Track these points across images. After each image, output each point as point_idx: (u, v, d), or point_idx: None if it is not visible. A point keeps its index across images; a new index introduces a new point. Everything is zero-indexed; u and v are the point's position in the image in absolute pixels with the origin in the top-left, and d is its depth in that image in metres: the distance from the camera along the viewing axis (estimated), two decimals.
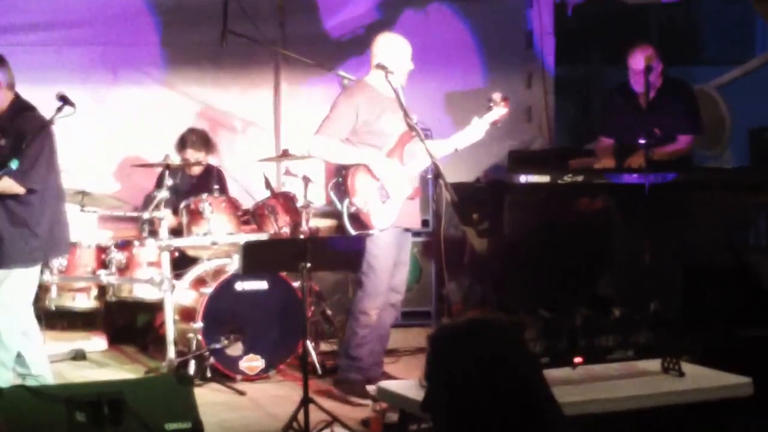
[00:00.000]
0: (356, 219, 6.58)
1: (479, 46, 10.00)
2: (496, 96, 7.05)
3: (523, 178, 7.79)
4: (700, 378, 5.41)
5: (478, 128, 7.01)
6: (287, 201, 7.79)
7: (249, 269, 6.44)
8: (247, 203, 8.11)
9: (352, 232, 6.58)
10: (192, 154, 8.32)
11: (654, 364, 5.48)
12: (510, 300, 8.32)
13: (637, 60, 7.91)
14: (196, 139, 8.40)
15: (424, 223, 8.72)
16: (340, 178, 6.68)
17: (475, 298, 8.95)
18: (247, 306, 7.29)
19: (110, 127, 8.99)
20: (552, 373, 5.32)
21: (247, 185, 8.88)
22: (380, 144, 6.74)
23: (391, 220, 6.68)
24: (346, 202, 6.59)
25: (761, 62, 9.68)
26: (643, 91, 7.92)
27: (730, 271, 7.97)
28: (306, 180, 7.44)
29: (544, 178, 7.76)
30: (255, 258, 6.19)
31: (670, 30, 11.33)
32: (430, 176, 8.62)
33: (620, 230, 8.15)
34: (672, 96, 8.10)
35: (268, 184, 7.99)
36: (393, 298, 6.93)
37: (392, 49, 6.84)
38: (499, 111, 7.05)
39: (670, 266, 7.73)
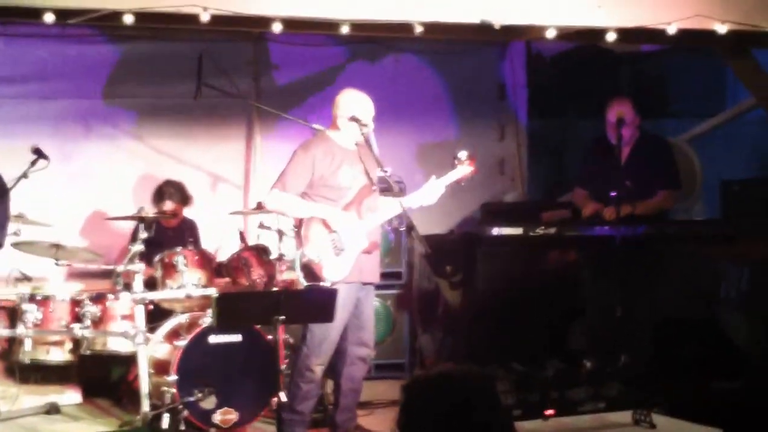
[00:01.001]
0: (308, 270, 6.61)
1: (452, 98, 10.11)
2: (462, 154, 7.04)
3: (496, 231, 7.87)
4: (671, 430, 5.50)
5: (432, 189, 6.95)
6: (261, 254, 7.88)
7: (223, 322, 6.48)
8: (220, 256, 8.21)
9: (304, 282, 6.62)
10: (170, 206, 8.42)
11: (625, 416, 5.57)
12: (482, 353, 8.39)
13: (614, 113, 8.04)
14: (174, 191, 8.50)
15: (397, 275, 8.80)
16: (295, 228, 6.76)
17: (447, 351, 9.00)
18: (221, 359, 7.31)
19: (82, 180, 9.07)
20: (524, 426, 5.42)
21: (220, 238, 8.96)
22: (336, 197, 6.78)
23: (343, 274, 6.67)
24: (300, 252, 6.65)
25: (732, 115, 9.84)
26: (621, 145, 8.06)
27: (700, 323, 8.06)
28: (280, 233, 7.55)
29: (517, 231, 7.85)
30: (229, 311, 6.24)
31: (641, 83, 11.47)
32: (402, 228, 8.70)
33: (592, 283, 8.22)
34: (649, 150, 8.19)
35: (242, 237, 8.09)
36: (361, 352, 6.91)
37: (355, 105, 6.86)
38: (464, 170, 7.03)
39: (641, 319, 7.79)
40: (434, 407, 3.09)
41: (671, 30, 6.94)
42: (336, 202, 6.79)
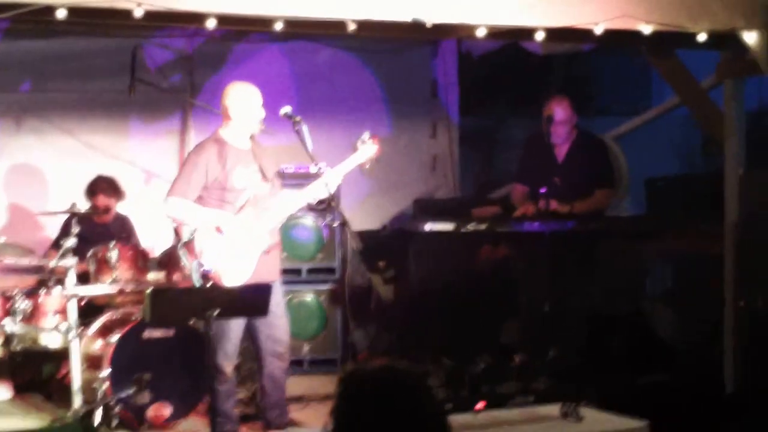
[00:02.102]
0: (207, 280, 6.54)
1: (386, 95, 10.09)
2: (364, 135, 6.95)
3: (428, 227, 7.89)
4: (597, 422, 5.53)
5: (330, 179, 6.81)
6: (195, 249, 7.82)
7: (155, 317, 6.42)
8: (154, 251, 8.14)
9: None
10: (102, 200, 8.32)
11: (553, 409, 5.59)
12: (414, 347, 8.40)
13: (554, 111, 8.09)
14: (106, 185, 8.40)
15: (330, 271, 8.79)
16: (191, 236, 6.63)
17: (380, 346, 9.00)
18: (154, 354, 7.25)
19: (13, 174, 8.97)
20: (455, 419, 5.43)
21: (155, 233, 8.89)
22: (232, 199, 6.70)
23: (245, 277, 6.61)
24: (195, 262, 6.56)
25: (657, 113, 9.94)
26: (558, 143, 8.12)
27: (628, 318, 8.13)
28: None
29: (449, 227, 7.87)
30: (162, 306, 6.18)
31: (571, 81, 11.55)
32: (336, 224, 8.69)
33: (522, 278, 8.24)
34: (587, 149, 8.26)
35: (176, 232, 8.02)
36: (276, 349, 6.85)
37: (241, 98, 6.78)
38: (367, 151, 6.91)
39: (571, 313, 7.84)
40: (371, 399, 3.09)
41: (598, 30, 6.97)
42: (231, 204, 6.71)
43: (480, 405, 5.56)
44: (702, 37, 7.21)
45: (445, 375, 7.40)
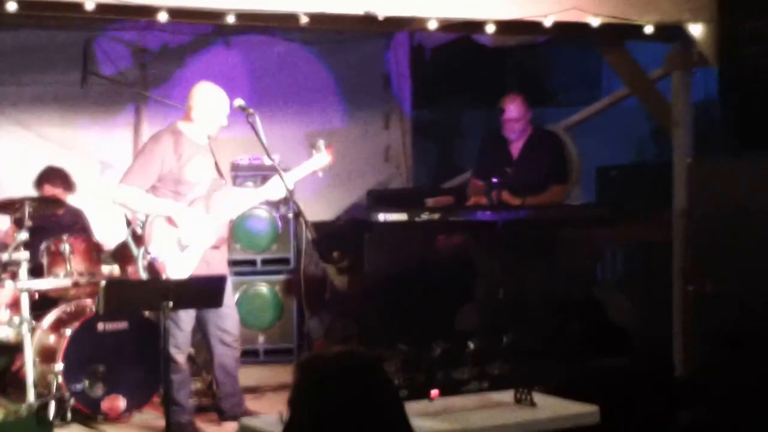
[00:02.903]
0: (151, 268, 6.55)
1: (339, 87, 10.11)
2: (320, 143, 6.96)
3: (382, 217, 7.86)
4: (550, 408, 5.53)
5: (275, 186, 6.85)
6: None
7: (110, 309, 6.40)
8: (109, 244, 8.10)
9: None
10: (49, 190, 8.24)
11: (507, 396, 5.60)
12: (371, 335, 8.42)
13: (507, 108, 8.13)
14: (53, 175, 8.33)
15: (285, 261, 8.79)
16: (141, 224, 6.64)
17: (336, 334, 9.01)
18: (108, 346, 7.21)
19: None
20: (410, 406, 5.43)
21: (110, 226, 8.83)
22: (185, 191, 6.70)
23: (189, 270, 6.61)
24: (142, 250, 6.57)
25: (606, 104, 9.98)
26: (513, 139, 8.17)
27: (582, 303, 8.19)
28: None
29: (402, 217, 7.85)
30: (116, 298, 6.16)
31: (525, 73, 11.59)
32: (291, 215, 8.71)
33: (477, 266, 8.30)
34: (541, 145, 8.30)
35: (128, 224, 7.98)
36: (225, 338, 6.86)
37: (208, 103, 6.76)
38: (321, 159, 6.94)
39: (525, 300, 7.89)
40: (329, 385, 3.08)
41: (548, 22, 7.00)
42: (184, 197, 6.70)
43: (434, 391, 5.55)
44: (649, 30, 7.25)
45: (401, 361, 7.40)
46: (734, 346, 6.54)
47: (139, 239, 6.61)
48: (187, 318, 6.70)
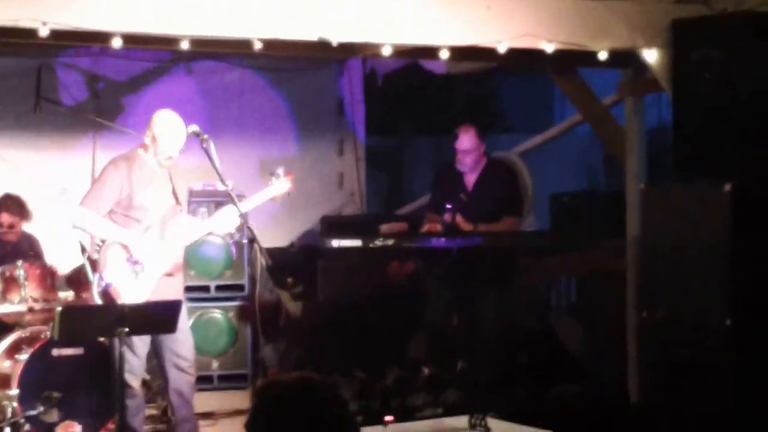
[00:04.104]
0: (106, 295, 6.49)
1: (293, 113, 10.10)
2: (280, 170, 6.89)
3: (335, 243, 7.87)
4: None
5: (231, 215, 6.77)
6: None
7: (65, 335, 6.30)
8: (64, 269, 8.03)
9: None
10: (6, 218, 8.19)
11: (462, 421, 5.60)
12: (325, 361, 8.39)
13: (461, 140, 8.12)
14: (11, 203, 8.27)
15: (239, 287, 8.75)
16: (96, 251, 6.60)
17: (291, 361, 8.97)
18: (63, 372, 7.15)
19: None
20: None
21: (66, 251, 8.76)
22: (141, 217, 6.65)
23: (144, 296, 6.55)
24: (97, 276, 6.52)
25: (559, 130, 10.05)
26: (466, 171, 8.18)
27: (536, 331, 8.23)
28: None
29: (356, 243, 7.85)
30: (71, 324, 6.09)
31: (475, 100, 11.65)
32: (245, 241, 8.67)
33: (431, 292, 8.29)
34: (495, 177, 8.29)
35: (83, 250, 7.92)
36: (180, 363, 6.79)
37: (169, 128, 6.70)
38: (280, 187, 6.89)
39: (479, 327, 7.91)
40: (287, 411, 3.08)
41: (502, 48, 7.03)
42: (140, 223, 6.66)
43: (389, 417, 5.54)
44: (603, 56, 7.28)
45: (355, 388, 7.38)
46: (687, 373, 6.57)
47: (94, 265, 6.55)
48: (141, 344, 6.66)
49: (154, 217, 6.69)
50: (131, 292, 6.53)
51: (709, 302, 6.49)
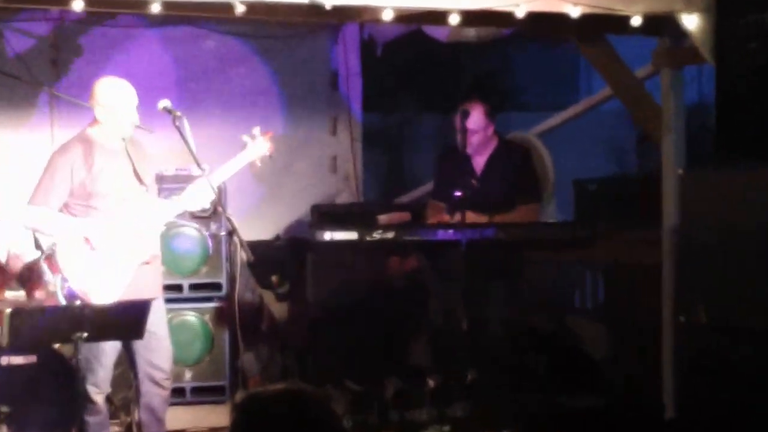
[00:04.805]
0: (73, 298, 6.44)
1: (279, 87, 10.04)
2: (256, 130, 6.92)
3: (328, 235, 7.81)
4: None
5: (213, 181, 6.77)
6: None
7: (15, 341, 6.24)
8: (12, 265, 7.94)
9: None
10: None
11: None
12: (315, 371, 8.36)
13: (466, 118, 8.00)
14: None
15: (216, 287, 8.67)
16: (52, 249, 6.55)
17: (275, 370, 8.93)
18: (14, 383, 7.03)
19: None
20: None
21: (18, 244, 8.70)
22: (101, 205, 6.61)
23: (118, 293, 6.51)
24: (59, 277, 6.48)
25: (584, 107, 9.98)
26: (473, 154, 8.07)
27: (556, 335, 8.21)
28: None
29: (351, 235, 7.80)
30: (22, 328, 6.07)
31: (486, 72, 11.60)
32: (223, 233, 8.58)
33: (436, 292, 8.27)
34: (508, 160, 8.22)
35: (37, 244, 7.83)
36: (155, 376, 6.80)
37: (113, 99, 6.67)
38: (258, 148, 6.90)
39: (491, 331, 7.89)
40: (271, 428, 3.07)
41: (519, 12, 6.94)
42: (101, 211, 6.61)
43: None
44: (636, 21, 7.22)
45: (349, 401, 7.36)
46: (732, 385, 6.49)
47: (54, 265, 6.46)
48: (111, 351, 6.64)
49: (116, 202, 6.61)
50: (102, 290, 6.50)
51: (756, 303, 6.45)
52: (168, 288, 8.31)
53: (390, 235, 7.89)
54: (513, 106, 11.10)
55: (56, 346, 7.14)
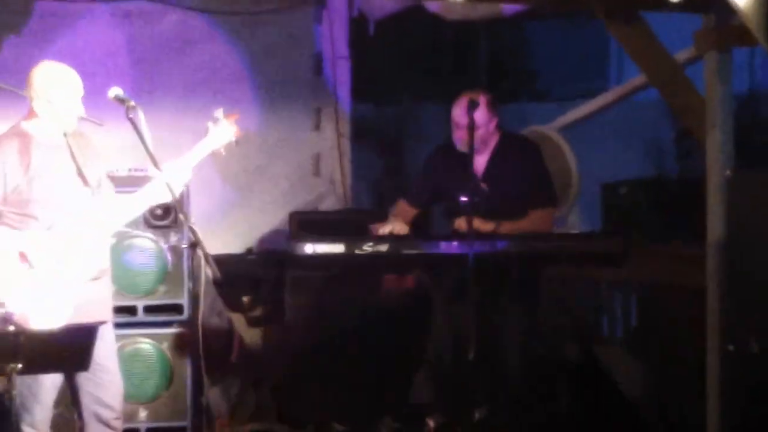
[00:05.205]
0: (6, 323, 6.37)
1: (252, 73, 10.06)
2: (219, 112, 6.95)
3: (310, 248, 7.81)
4: None
5: (173, 176, 6.74)
6: None
7: None
8: None
9: None
10: None
11: None
12: (294, 410, 8.36)
13: (460, 110, 8.00)
14: None
15: (176, 309, 8.69)
16: None
17: (247, 409, 8.95)
18: None
19: None
20: None
21: None
22: (40, 213, 6.58)
23: (63, 316, 6.48)
24: None
25: (615, 98, 9.98)
26: (467, 151, 8.05)
27: (579, 368, 8.25)
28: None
29: (338, 248, 7.80)
30: None
31: (500, 57, 11.62)
32: (185, 245, 8.58)
33: (438, 316, 8.25)
34: (513, 158, 8.23)
35: None
36: (104, 415, 6.78)
37: (52, 87, 6.65)
38: (222, 134, 6.92)
39: (502, 362, 7.89)
40: None
41: None
42: (40, 220, 6.59)
43: None
44: None
45: None
46: None
47: None
48: (50, 386, 6.62)
49: (59, 207, 6.62)
50: (44, 314, 6.46)
51: None
52: (119, 310, 8.32)
53: (384, 248, 7.88)
54: (530, 95, 11.12)
55: None
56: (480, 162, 8.16)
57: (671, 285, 8.30)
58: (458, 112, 8.03)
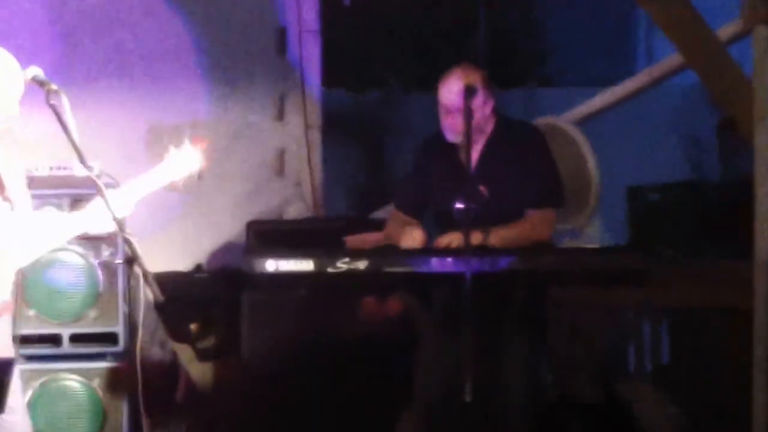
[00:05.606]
0: None
1: (204, 52, 10.10)
2: (184, 136, 6.74)
3: (272, 265, 7.80)
4: None
5: (117, 208, 6.60)
6: None
7: None
8: None
9: None
10: None
11: None
12: None
13: (451, 91, 8.02)
14: None
15: (110, 338, 8.65)
16: None
17: None
18: None
19: None
20: None
21: None
22: None
23: None
24: None
25: (643, 83, 9.98)
26: (460, 142, 8.03)
27: (599, 409, 8.23)
28: None
29: (306, 265, 7.79)
30: None
31: (505, 35, 11.63)
32: (120, 261, 8.54)
33: (428, 346, 8.22)
34: (512, 148, 8.25)
35: None
36: None
37: None
38: (184, 162, 6.69)
39: (505, 402, 7.89)
40: None
41: None
42: None
43: None
44: None
45: None
46: None
47: None
48: None
49: None
50: None
51: None
52: (39, 340, 8.31)
53: (362, 265, 7.87)
54: (541, 78, 11.12)
55: None
56: (472, 154, 8.10)
57: (710, 310, 8.29)
58: (448, 94, 8.00)
